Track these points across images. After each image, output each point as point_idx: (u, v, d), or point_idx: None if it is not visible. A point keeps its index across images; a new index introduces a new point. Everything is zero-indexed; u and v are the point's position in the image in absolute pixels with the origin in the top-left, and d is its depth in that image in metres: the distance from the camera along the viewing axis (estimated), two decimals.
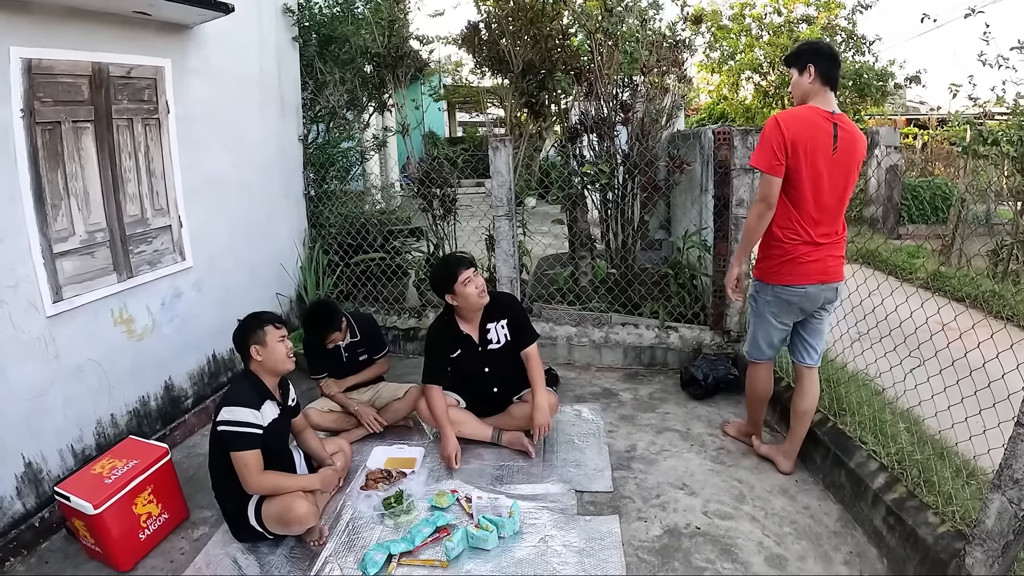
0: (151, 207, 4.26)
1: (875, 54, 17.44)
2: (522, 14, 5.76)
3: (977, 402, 2.91)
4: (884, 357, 3.67)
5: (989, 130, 8.53)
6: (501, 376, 4.18)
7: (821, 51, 3.39)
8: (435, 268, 4.17)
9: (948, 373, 3.20)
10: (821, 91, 3.33)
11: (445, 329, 4.10)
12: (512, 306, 4.24)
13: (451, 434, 3.98)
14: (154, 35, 4.20)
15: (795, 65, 3.41)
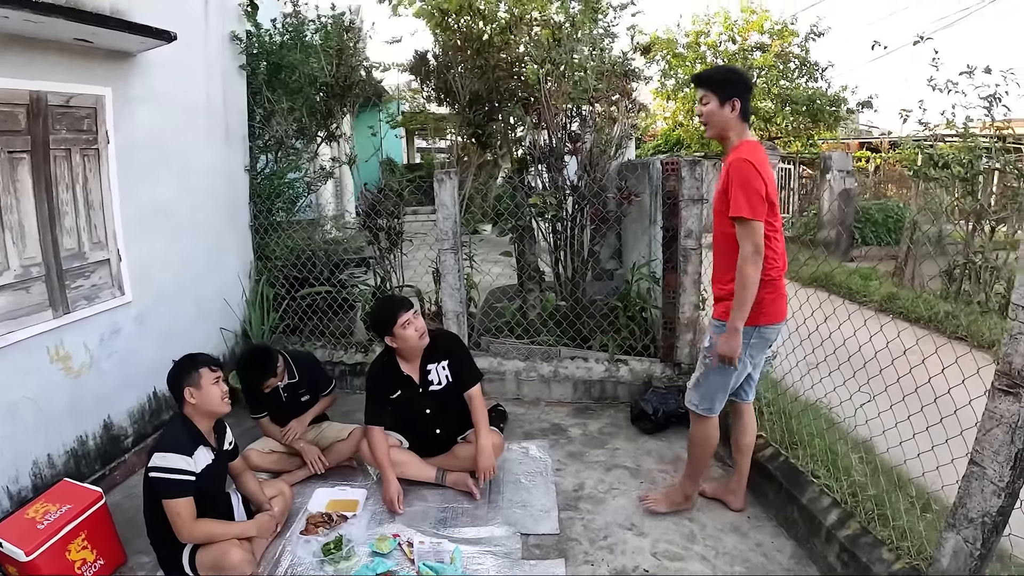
0: (89, 240, 4.12)
1: (828, 80, 17.71)
2: (468, 44, 5.68)
3: (926, 424, 2.89)
4: (843, 386, 3.60)
5: (940, 153, 8.64)
6: (444, 418, 4.07)
7: (748, 86, 3.29)
8: (374, 309, 4.10)
9: (902, 396, 3.15)
10: (741, 126, 3.23)
11: (385, 369, 3.99)
12: (454, 347, 4.13)
13: (392, 477, 3.85)
14: (96, 63, 4.10)
15: (716, 93, 3.21)
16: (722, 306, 3.30)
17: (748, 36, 18.03)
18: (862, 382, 3.42)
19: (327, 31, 6.32)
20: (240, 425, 4.57)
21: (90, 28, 3.64)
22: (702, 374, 3.44)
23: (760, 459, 3.82)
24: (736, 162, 3.06)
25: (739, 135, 3.22)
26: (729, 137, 3.24)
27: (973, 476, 2.29)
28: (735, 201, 3.03)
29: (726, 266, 3.25)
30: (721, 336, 3.19)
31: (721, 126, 3.23)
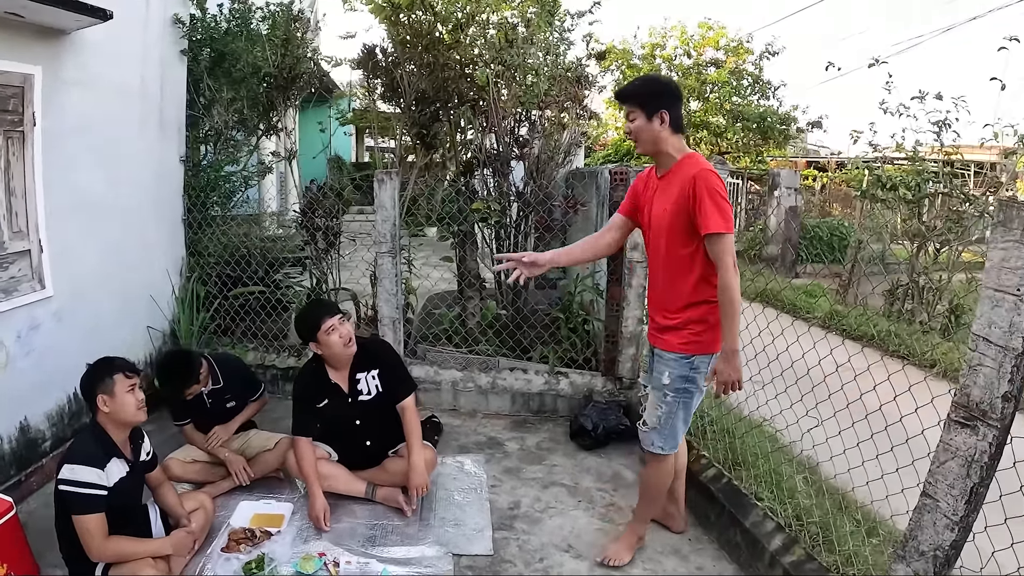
0: (8, 229, 3.82)
1: (779, 99, 18.01)
2: (417, 40, 5.49)
3: (875, 450, 2.86)
4: (790, 408, 3.52)
5: (888, 175, 8.74)
6: (374, 429, 3.89)
7: (676, 95, 3.05)
8: (299, 314, 3.93)
9: (848, 418, 3.12)
10: (675, 139, 2.99)
11: (312, 377, 3.79)
12: (384, 355, 3.95)
13: (319, 492, 3.64)
14: (26, 39, 3.81)
15: (642, 107, 2.97)
16: (676, 336, 3.05)
17: (704, 51, 18.29)
18: (808, 401, 3.35)
19: (274, 20, 6.08)
20: (164, 431, 4.39)
21: (20, 1, 3.38)
22: (665, 413, 3.13)
23: (703, 480, 3.70)
24: (703, 174, 2.83)
25: (677, 149, 3.01)
26: (665, 151, 3.00)
27: (925, 509, 2.20)
28: (709, 216, 2.80)
29: (679, 292, 3.02)
30: (718, 364, 2.92)
31: (652, 141, 3.00)
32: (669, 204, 2.96)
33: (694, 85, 17.79)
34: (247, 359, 5.62)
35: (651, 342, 3.26)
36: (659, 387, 3.13)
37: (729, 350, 2.87)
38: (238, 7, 6.09)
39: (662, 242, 3.05)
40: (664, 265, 3.08)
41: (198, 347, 5.55)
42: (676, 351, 3.05)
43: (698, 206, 2.82)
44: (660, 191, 3.06)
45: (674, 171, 2.99)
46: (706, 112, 18.07)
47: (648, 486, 3.37)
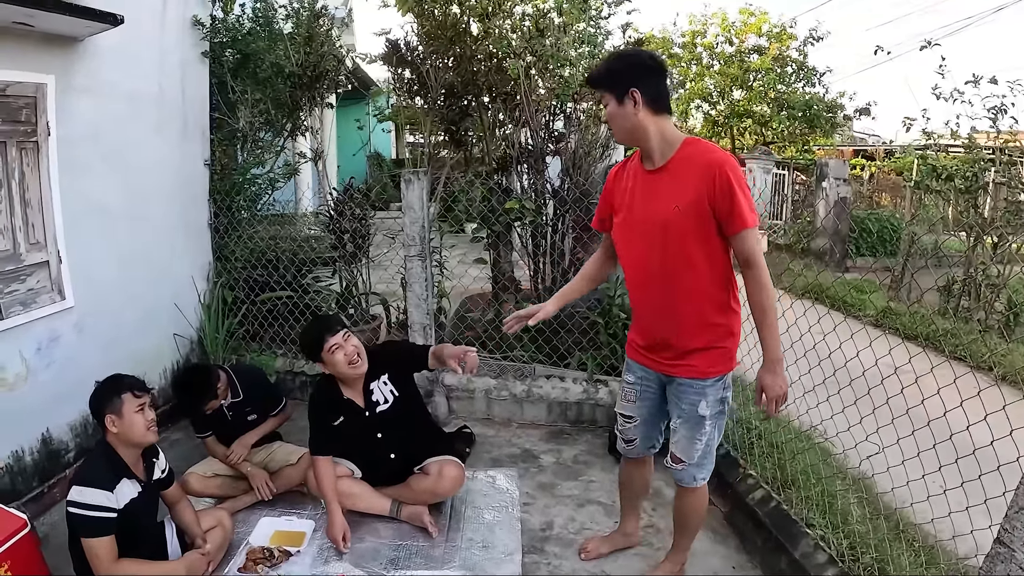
0: (25, 241, 3.79)
1: (825, 86, 17.55)
2: (443, 32, 5.29)
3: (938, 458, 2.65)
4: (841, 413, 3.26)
5: (942, 165, 8.33)
6: (396, 441, 3.67)
7: (648, 67, 2.57)
8: (302, 331, 3.69)
9: (906, 426, 2.83)
10: (658, 120, 2.56)
11: (325, 393, 3.61)
12: (389, 355, 3.73)
13: (338, 511, 3.44)
14: (37, 48, 3.76)
15: (610, 90, 2.58)
16: (705, 359, 2.67)
17: (746, 38, 17.90)
18: (862, 408, 3.07)
19: (297, 17, 5.93)
20: (191, 440, 4.29)
21: (25, 10, 3.31)
22: (705, 444, 2.80)
23: (749, 502, 3.43)
24: (728, 161, 2.44)
25: (668, 134, 2.57)
26: (649, 138, 2.57)
27: (999, 558, 1.95)
28: (741, 210, 2.42)
29: (700, 304, 2.63)
30: (764, 377, 2.55)
31: (628, 128, 2.59)
32: (680, 200, 2.51)
33: (737, 73, 17.43)
34: (275, 365, 5.55)
35: (665, 371, 2.80)
36: (694, 420, 2.75)
37: (775, 359, 2.54)
38: (260, 6, 5.95)
39: (666, 246, 2.59)
40: (672, 274, 2.62)
41: (225, 353, 5.48)
42: (709, 376, 2.70)
43: (732, 200, 2.42)
44: (654, 186, 2.61)
45: (677, 161, 2.55)
46: (750, 101, 17.69)
47: (690, 517, 3.07)
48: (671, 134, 2.57)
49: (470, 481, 4.01)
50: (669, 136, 2.57)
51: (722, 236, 2.51)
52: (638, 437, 3.06)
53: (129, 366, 4.41)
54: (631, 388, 3.00)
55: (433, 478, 3.56)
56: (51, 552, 3.09)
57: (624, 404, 3.06)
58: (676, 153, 2.55)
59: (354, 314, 5.82)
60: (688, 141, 2.56)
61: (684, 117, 19.17)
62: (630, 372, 3.01)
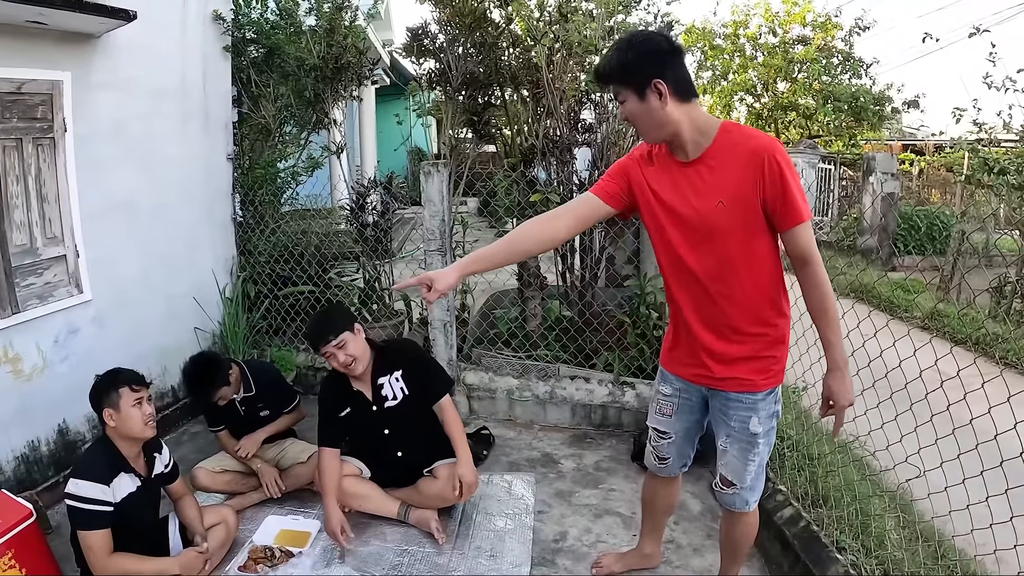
0: (42, 235, 3.86)
1: (872, 77, 17.10)
2: (462, 19, 5.12)
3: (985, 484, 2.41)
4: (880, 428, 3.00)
5: (995, 159, 7.94)
6: (403, 439, 3.55)
7: (667, 51, 2.24)
8: (305, 328, 3.63)
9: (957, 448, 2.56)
10: (687, 109, 2.24)
11: (333, 385, 3.53)
12: (408, 354, 3.61)
13: (334, 505, 3.34)
14: (52, 46, 3.81)
15: (627, 85, 2.24)
16: (755, 370, 2.40)
17: (790, 28, 17.54)
18: (906, 421, 2.82)
19: (319, 9, 5.84)
20: (207, 435, 4.27)
21: (37, 9, 3.35)
22: (758, 465, 2.54)
23: (777, 521, 3.19)
24: (777, 148, 2.19)
25: (702, 122, 2.27)
26: (682, 131, 2.26)
27: None
28: (795, 202, 2.17)
29: (751, 308, 2.37)
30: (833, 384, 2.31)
31: (657, 125, 2.26)
32: (725, 195, 2.24)
33: (781, 64, 17.05)
34: (298, 360, 5.51)
35: (709, 384, 2.53)
36: (746, 438, 2.48)
37: (843, 363, 2.30)
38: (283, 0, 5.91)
39: (713, 246, 2.31)
40: (717, 276, 2.34)
41: (246, 348, 5.47)
42: (761, 389, 2.42)
43: (784, 192, 2.17)
44: (692, 180, 2.31)
45: (716, 151, 2.26)
46: (794, 93, 17.32)
47: (740, 545, 2.81)
48: (704, 121, 2.27)
49: (485, 485, 3.90)
50: (702, 124, 2.26)
51: (771, 231, 2.28)
52: (672, 456, 2.79)
53: (149, 359, 4.57)
54: (667, 401, 2.71)
55: (442, 482, 3.44)
56: (63, 541, 3.11)
57: (659, 419, 2.77)
58: (714, 142, 2.26)
59: (376, 310, 5.72)
60: (726, 127, 2.28)
61: (728, 110, 18.83)
62: (666, 383, 2.71)
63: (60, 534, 3.34)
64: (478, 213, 11.38)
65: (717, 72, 18.30)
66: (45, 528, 3.40)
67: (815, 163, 13.96)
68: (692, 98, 2.26)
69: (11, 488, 3.46)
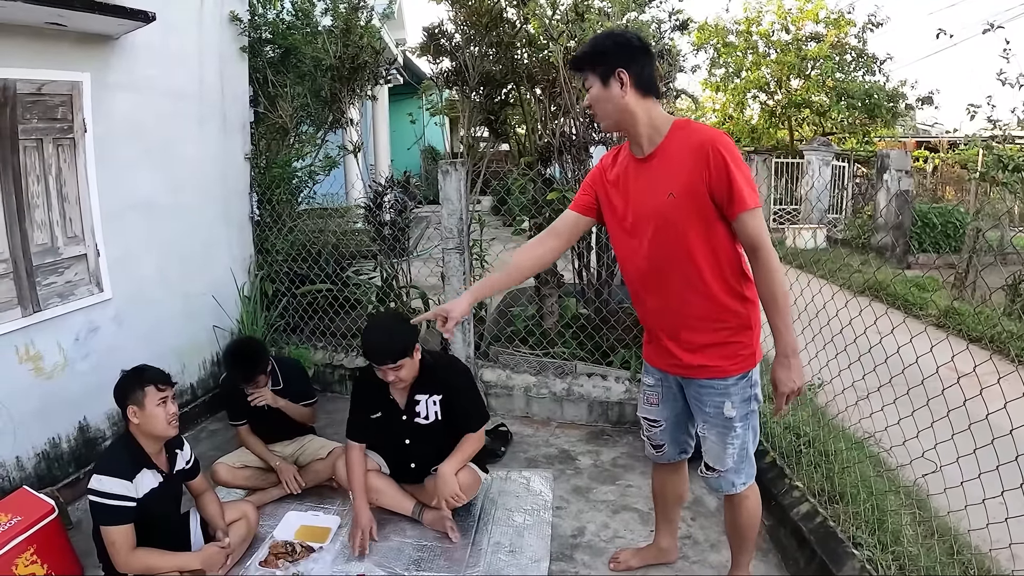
0: (63, 235, 3.89)
1: (886, 74, 16.99)
2: (479, 19, 5.15)
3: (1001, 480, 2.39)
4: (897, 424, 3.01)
5: (1009, 155, 7.91)
6: (421, 455, 3.52)
7: (636, 48, 2.36)
8: (364, 336, 3.35)
9: (973, 443, 2.56)
10: (646, 103, 2.36)
11: (371, 385, 3.43)
12: (452, 382, 3.45)
13: (365, 506, 3.35)
14: (71, 47, 3.83)
15: (593, 71, 2.38)
16: (723, 356, 2.45)
17: (802, 25, 17.43)
18: (921, 418, 2.82)
19: (335, 9, 5.90)
20: (229, 431, 4.28)
21: (56, 10, 3.36)
22: (738, 448, 2.57)
23: (794, 517, 3.19)
24: (720, 139, 2.25)
25: (658, 118, 2.38)
26: (637, 123, 2.37)
27: None
28: (742, 191, 2.22)
29: (711, 297, 2.41)
30: (778, 371, 2.35)
31: (614, 112, 2.38)
32: (675, 187, 2.32)
33: (794, 61, 16.95)
34: (315, 358, 5.55)
35: (680, 374, 2.60)
36: (721, 423, 2.54)
37: (788, 351, 2.33)
38: (299, 0, 5.96)
39: (668, 238, 2.39)
40: (674, 268, 2.42)
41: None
42: (731, 374, 2.47)
43: (729, 181, 2.23)
44: (645, 175, 2.43)
45: (667, 146, 2.37)
46: (808, 90, 17.22)
47: (740, 529, 2.82)
48: (660, 118, 2.38)
49: (503, 482, 3.92)
50: (657, 120, 2.37)
51: (725, 220, 2.32)
52: (666, 442, 2.86)
53: (169, 357, 4.57)
54: (652, 391, 2.80)
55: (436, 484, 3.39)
56: (84, 537, 3.14)
57: (647, 408, 2.85)
58: (666, 137, 2.37)
59: (394, 307, 5.75)
60: (678, 124, 2.38)
61: (741, 108, 18.75)
62: (648, 375, 2.82)
63: (81, 530, 3.37)
64: (493, 211, 11.41)
65: (730, 69, 18.20)
66: (66, 524, 3.42)
67: (829, 160, 13.92)
68: (652, 96, 2.37)
69: (32, 484, 3.50)
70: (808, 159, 13.79)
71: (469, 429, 3.42)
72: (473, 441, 3.43)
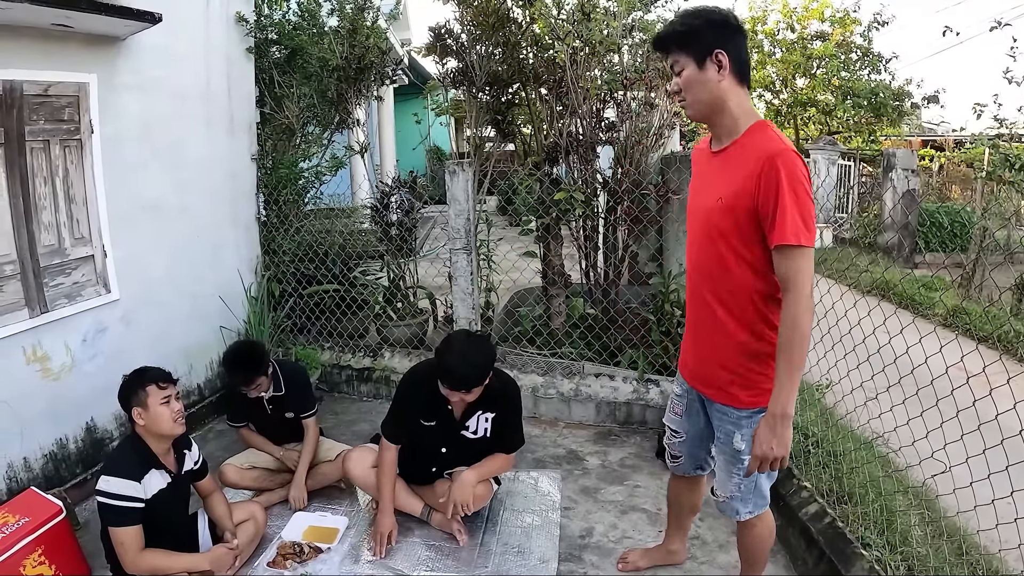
0: (70, 236, 3.90)
1: (891, 72, 16.93)
2: (485, 19, 5.15)
3: (1011, 481, 2.40)
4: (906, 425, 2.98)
5: (1016, 154, 7.88)
6: (452, 463, 3.47)
7: (733, 27, 2.14)
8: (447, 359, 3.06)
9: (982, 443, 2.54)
10: (741, 93, 2.16)
11: (428, 391, 3.26)
12: (508, 402, 3.40)
13: (391, 511, 3.34)
14: (78, 48, 3.83)
15: (687, 51, 2.14)
16: (738, 385, 2.30)
17: (808, 24, 17.37)
18: (930, 418, 2.79)
19: (341, 10, 5.91)
20: (235, 433, 4.21)
21: (62, 12, 3.36)
22: (751, 480, 2.39)
23: (802, 517, 3.19)
24: (786, 155, 2.01)
25: (744, 111, 2.18)
26: (726, 112, 2.17)
27: None
28: (788, 220, 1.98)
29: (739, 320, 2.25)
30: (760, 430, 2.13)
31: (708, 99, 2.16)
32: (726, 192, 2.14)
33: (799, 60, 16.90)
34: (322, 359, 5.55)
35: (701, 391, 2.48)
36: (729, 453, 2.39)
37: (780, 413, 2.07)
38: (306, 1, 5.96)
39: (709, 244, 2.24)
40: (710, 278, 2.27)
41: (271, 347, 5.50)
42: (745, 406, 2.30)
43: (776, 204, 2.00)
44: (712, 171, 2.26)
45: (738, 146, 2.17)
46: (813, 89, 17.17)
47: (749, 551, 2.71)
48: (745, 111, 2.18)
49: (511, 483, 3.92)
50: (743, 113, 2.17)
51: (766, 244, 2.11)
52: (684, 454, 2.76)
53: (176, 358, 4.58)
54: (678, 400, 2.70)
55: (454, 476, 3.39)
56: (92, 538, 3.13)
57: (671, 417, 2.75)
58: (742, 135, 2.17)
59: (401, 308, 5.76)
60: (757, 125, 2.16)
61: None
62: (677, 383, 2.71)
63: (89, 531, 3.37)
64: (500, 211, 11.40)
65: None
66: (74, 525, 3.42)
67: (835, 160, 13.88)
68: (747, 83, 2.17)
69: (40, 485, 3.52)
70: (814, 158, 13.75)
71: (505, 449, 3.40)
72: (502, 460, 3.42)
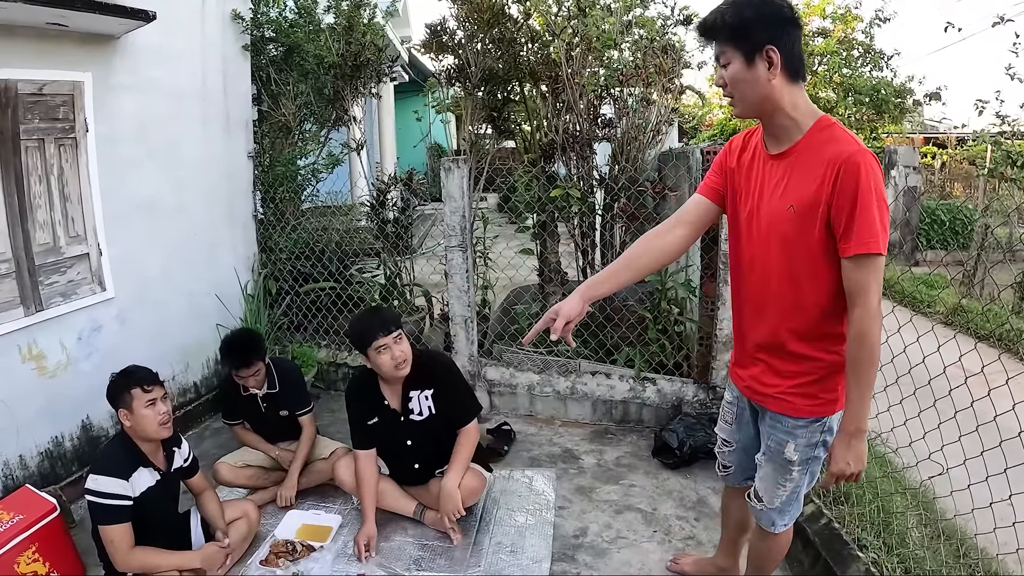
0: (65, 235, 3.91)
1: (893, 69, 16.85)
2: (480, 15, 5.11)
3: (1009, 483, 2.37)
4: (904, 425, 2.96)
5: (1018, 151, 7.84)
6: (424, 453, 3.51)
7: (789, 19, 1.98)
8: (352, 322, 3.46)
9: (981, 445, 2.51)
10: (795, 91, 2.00)
11: (364, 390, 3.45)
12: (441, 374, 3.47)
13: (372, 517, 3.36)
14: (73, 47, 3.84)
15: (736, 44, 1.97)
16: (796, 393, 2.19)
17: (809, 20, 17.28)
18: (928, 418, 2.76)
19: (337, 7, 5.89)
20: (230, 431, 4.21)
21: (56, 11, 3.36)
22: (790, 491, 2.32)
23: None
24: (866, 160, 1.88)
25: (803, 110, 2.02)
26: (781, 112, 2.01)
27: None
28: (867, 226, 1.87)
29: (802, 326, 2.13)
30: (837, 448, 2.05)
31: (756, 98, 2.01)
32: (797, 200, 2.01)
33: None
34: (319, 357, 5.53)
35: (754, 399, 2.36)
36: (779, 462, 2.28)
37: (854, 430, 2.00)
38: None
39: (776, 253, 2.11)
40: (775, 287, 2.15)
41: (268, 344, 5.41)
42: (802, 415, 2.19)
43: (853, 209, 1.88)
44: (775, 176, 2.10)
45: (803, 147, 2.02)
46: (815, 86, 17.08)
47: (763, 563, 2.64)
48: (804, 110, 2.02)
49: (505, 481, 3.91)
50: (802, 112, 2.02)
51: None
52: (734, 465, 2.65)
53: (172, 356, 4.61)
54: (728, 409, 2.60)
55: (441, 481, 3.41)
56: (86, 535, 3.11)
57: (722, 426, 2.65)
58: (804, 136, 2.02)
59: (397, 305, 5.74)
60: (822, 122, 2.01)
61: None
62: (729, 390, 2.60)
63: (84, 528, 3.35)
64: (498, 209, 11.38)
65: None
66: (69, 522, 3.43)
67: None
68: (801, 79, 2.02)
69: (35, 483, 3.51)
70: None
71: (463, 422, 3.42)
72: (469, 437, 3.43)
